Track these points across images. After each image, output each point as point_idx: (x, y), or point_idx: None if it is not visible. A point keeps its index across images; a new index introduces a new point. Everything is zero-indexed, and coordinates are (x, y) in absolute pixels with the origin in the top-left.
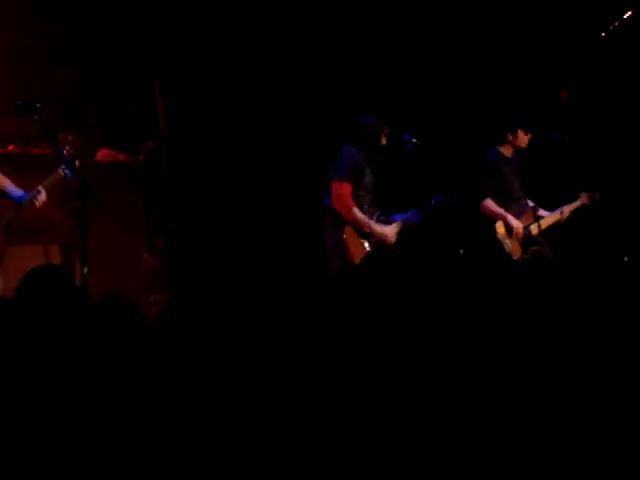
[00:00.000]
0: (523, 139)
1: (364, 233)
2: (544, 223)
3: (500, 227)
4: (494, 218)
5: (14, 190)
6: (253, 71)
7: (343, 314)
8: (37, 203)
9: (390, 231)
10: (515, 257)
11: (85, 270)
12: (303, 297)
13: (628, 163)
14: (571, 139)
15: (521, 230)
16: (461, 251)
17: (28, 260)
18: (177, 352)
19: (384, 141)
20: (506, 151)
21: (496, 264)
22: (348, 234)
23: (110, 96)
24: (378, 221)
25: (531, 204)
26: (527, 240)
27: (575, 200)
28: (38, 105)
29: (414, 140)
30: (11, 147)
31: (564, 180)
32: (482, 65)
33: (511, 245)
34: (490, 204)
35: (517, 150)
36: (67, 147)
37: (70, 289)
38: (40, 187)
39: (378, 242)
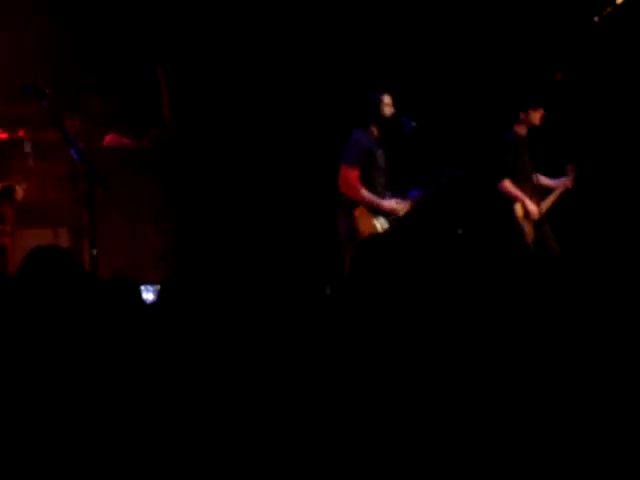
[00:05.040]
0: (535, 117)
1: (375, 211)
2: (545, 206)
3: (519, 209)
4: (512, 199)
5: None
6: (259, 54)
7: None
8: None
9: (399, 205)
10: (529, 240)
11: (94, 252)
12: (306, 287)
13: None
14: (563, 121)
15: (537, 215)
16: (460, 231)
17: (37, 243)
18: (169, 332)
19: (387, 111)
20: (521, 130)
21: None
22: (359, 213)
23: (115, 82)
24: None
25: (536, 179)
26: (538, 221)
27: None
28: (47, 91)
29: (413, 124)
30: (21, 132)
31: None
32: (478, 50)
33: (528, 228)
34: (508, 185)
35: (530, 128)
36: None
37: (72, 269)
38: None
39: (393, 219)
